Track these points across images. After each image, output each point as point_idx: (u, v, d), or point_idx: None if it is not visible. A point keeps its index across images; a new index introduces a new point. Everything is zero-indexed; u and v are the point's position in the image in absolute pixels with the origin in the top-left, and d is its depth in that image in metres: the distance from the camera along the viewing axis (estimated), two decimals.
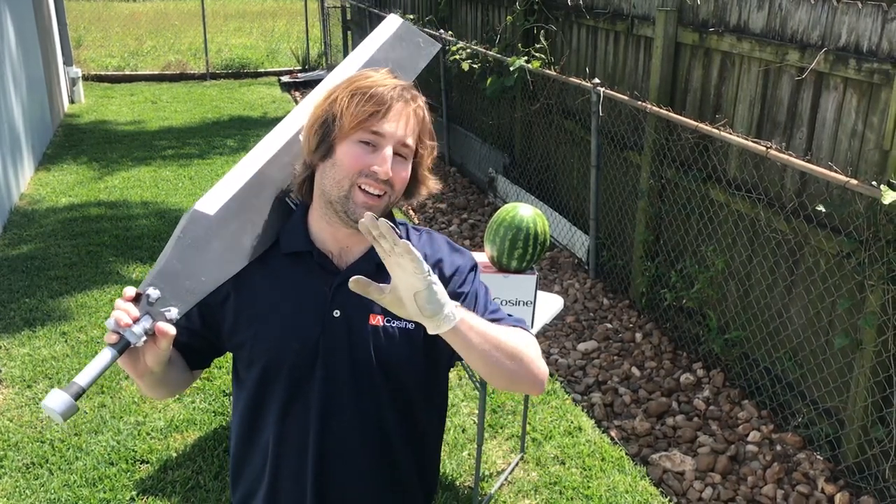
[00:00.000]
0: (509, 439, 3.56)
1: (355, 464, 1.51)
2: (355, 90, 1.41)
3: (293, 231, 1.50)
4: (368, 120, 1.39)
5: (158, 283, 1.35)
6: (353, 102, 1.40)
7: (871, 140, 3.16)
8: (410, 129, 1.44)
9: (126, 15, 19.68)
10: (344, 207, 1.42)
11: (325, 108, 1.44)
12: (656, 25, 4.31)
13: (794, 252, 3.58)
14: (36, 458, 3.37)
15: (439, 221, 6.42)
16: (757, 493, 3.25)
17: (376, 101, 1.40)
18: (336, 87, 1.46)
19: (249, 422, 1.54)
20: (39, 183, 7.11)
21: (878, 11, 3.08)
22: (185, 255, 1.40)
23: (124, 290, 1.33)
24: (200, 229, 1.43)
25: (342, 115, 1.40)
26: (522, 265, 2.87)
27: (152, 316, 1.32)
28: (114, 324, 1.28)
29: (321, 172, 1.45)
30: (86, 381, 1.26)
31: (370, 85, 1.42)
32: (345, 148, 1.41)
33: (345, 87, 1.44)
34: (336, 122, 1.41)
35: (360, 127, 1.40)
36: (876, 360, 3.10)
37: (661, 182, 4.48)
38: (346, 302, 1.45)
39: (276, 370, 1.47)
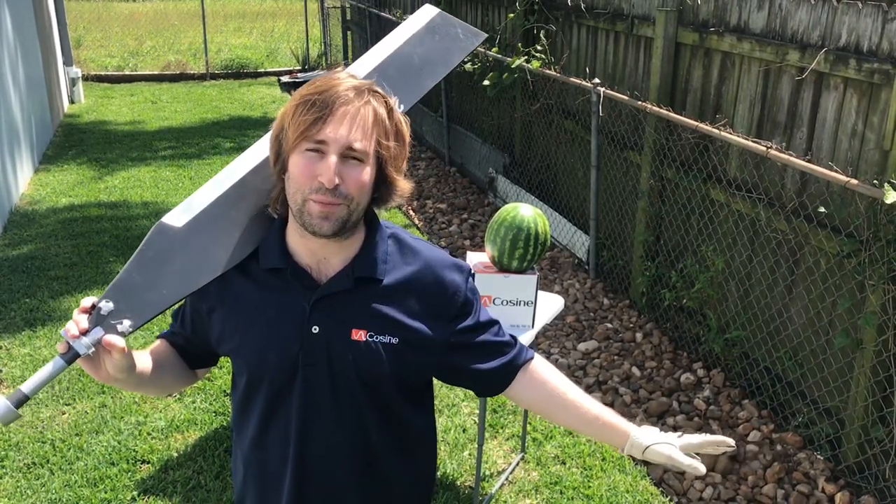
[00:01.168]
0: (510, 439, 3.57)
1: (337, 476, 1.50)
2: (300, 98, 1.37)
3: (270, 246, 1.47)
4: (310, 128, 1.34)
5: (113, 295, 1.36)
6: (297, 112, 1.35)
7: (872, 140, 3.17)
8: (359, 131, 1.36)
9: (126, 15, 19.68)
10: (302, 220, 1.38)
11: (278, 121, 1.40)
12: (656, 25, 4.31)
13: (794, 252, 3.58)
14: (37, 458, 3.37)
15: (439, 221, 6.42)
16: (757, 493, 3.25)
17: (318, 108, 1.34)
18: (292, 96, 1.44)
19: (238, 424, 1.57)
20: (39, 183, 7.11)
21: (879, 11, 3.08)
22: (147, 267, 1.40)
23: (83, 300, 1.36)
24: (165, 242, 1.42)
25: (288, 127, 1.37)
26: (523, 265, 2.87)
27: (103, 328, 1.34)
28: (64, 333, 1.32)
29: (286, 187, 1.42)
30: (29, 389, 1.31)
31: (315, 90, 1.36)
32: (294, 160, 1.37)
33: (295, 98, 1.39)
34: (283, 134, 1.38)
35: (302, 136, 1.35)
36: (876, 359, 3.11)
37: (662, 182, 4.48)
38: (324, 317, 1.43)
39: (257, 382, 1.47)
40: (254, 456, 1.52)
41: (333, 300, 1.43)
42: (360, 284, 1.44)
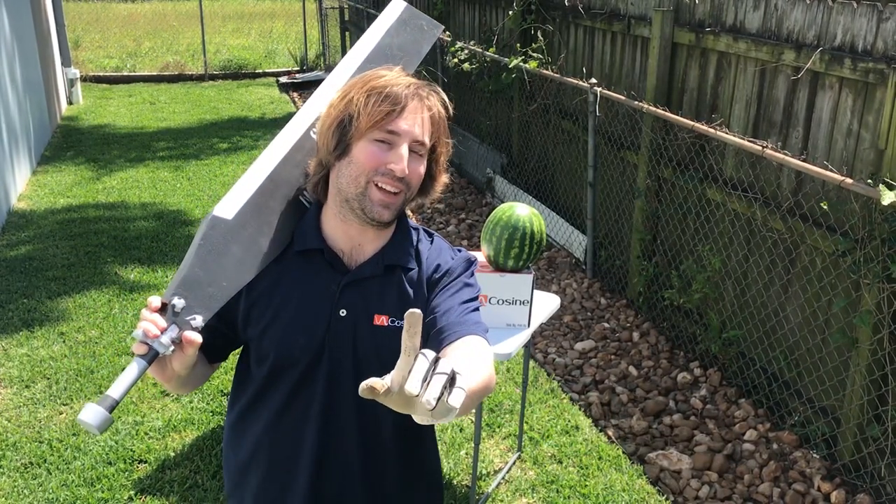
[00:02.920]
0: (506, 438, 3.57)
1: (354, 457, 1.53)
2: (371, 90, 1.43)
3: (306, 229, 1.52)
4: (384, 119, 1.42)
5: (182, 291, 1.37)
6: (370, 102, 1.42)
7: (867, 139, 3.18)
8: (426, 127, 1.47)
9: (124, 16, 19.68)
10: (361, 205, 1.45)
11: (341, 108, 1.45)
12: (653, 25, 4.32)
13: (790, 251, 3.59)
14: (34, 457, 3.38)
15: (437, 221, 6.43)
16: (753, 492, 3.26)
17: (392, 101, 1.42)
18: (350, 85, 1.48)
19: (245, 416, 1.57)
20: (37, 184, 7.11)
21: (873, 11, 3.09)
22: (207, 261, 1.41)
23: (149, 300, 1.34)
24: (219, 235, 1.44)
25: (358, 115, 1.42)
26: (519, 264, 2.88)
27: (178, 325, 1.34)
28: (142, 335, 1.30)
29: (337, 171, 1.47)
30: (119, 394, 1.27)
31: (385, 84, 1.44)
32: (361, 146, 1.43)
33: (360, 87, 1.45)
34: (353, 121, 1.43)
35: (376, 126, 1.42)
36: (871, 358, 3.12)
37: (658, 182, 4.49)
38: (352, 301, 1.48)
39: (283, 366, 1.49)
40: (268, 438, 1.54)
41: (361, 285, 1.49)
42: (388, 272, 1.51)
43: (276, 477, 1.55)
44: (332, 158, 1.47)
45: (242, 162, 7.99)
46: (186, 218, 6.32)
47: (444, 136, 1.52)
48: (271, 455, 1.54)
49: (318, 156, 1.50)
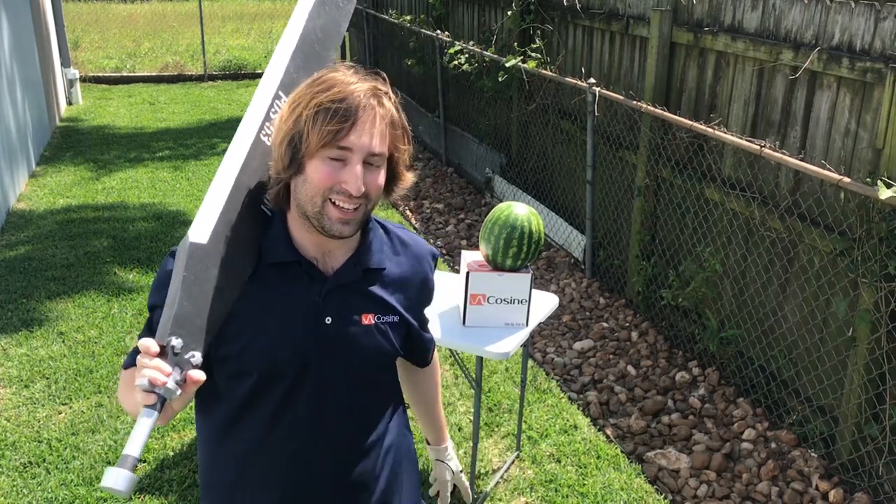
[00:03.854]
0: (505, 437, 3.58)
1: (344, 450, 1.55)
2: (318, 105, 1.36)
3: (276, 240, 1.47)
4: (335, 137, 1.36)
5: (177, 330, 1.30)
6: (318, 120, 1.35)
7: (865, 139, 3.18)
8: (380, 136, 1.40)
9: (124, 16, 19.68)
10: (320, 222, 1.42)
11: (291, 124, 1.38)
12: (651, 25, 4.33)
13: (788, 250, 3.60)
14: (33, 457, 3.38)
15: (436, 222, 6.43)
16: (752, 491, 3.26)
17: (341, 117, 1.35)
18: (298, 96, 1.40)
19: (224, 434, 1.53)
20: (37, 184, 7.11)
21: (871, 11, 3.10)
22: (192, 292, 1.35)
23: (145, 344, 1.27)
24: (199, 262, 1.38)
25: (308, 135, 1.36)
26: (517, 264, 2.88)
27: (180, 366, 1.29)
28: (148, 384, 1.24)
29: (294, 186, 1.43)
30: (138, 452, 1.23)
31: (334, 97, 1.36)
32: (314, 165, 1.38)
33: (308, 101, 1.37)
34: (303, 140, 1.37)
35: (326, 146, 1.36)
36: (869, 357, 3.12)
37: (657, 181, 4.50)
38: (336, 307, 1.48)
39: (268, 381, 1.46)
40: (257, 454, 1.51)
41: (342, 290, 1.49)
42: (367, 274, 1.53)
43: (272, 491, 1.53)
44: (288, 175, 1.42)
45: None
46: (186, 218, 6.32)
47: (401, 138, 1.45)
48: (263, 472, 1.52)
49: (275, 168, 1.44)
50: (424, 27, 7.81)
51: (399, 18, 8.52)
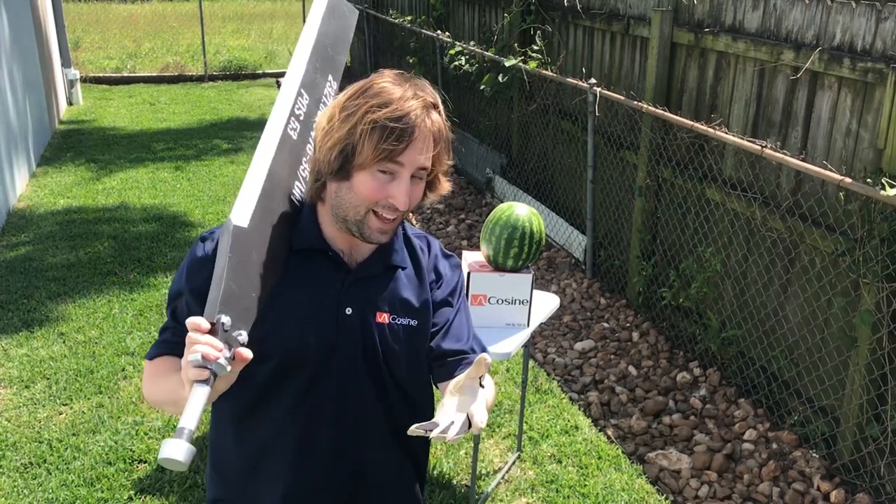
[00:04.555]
0: (506, 438, 3.58)
1: (367, 451, 1.55)
2: (376, 121, 1.36)
3: (306, 229, 1.50)
4: (390, 155, 1.37)
5: (225, 308, 1.31)
6: (375, 135, 1.35)
7: (866, 139, 3.18)
8: (428, 151, 1.42)
9: (124, 17, 19.68)
10: (359, 230, 1.44)
11: (344, 134, 1.38)
12: (652, 26, 4.32)
13: (789, 251, 3.59)
14: (34, 457, 3.38)
15: (437, 222, 6.43)
16: (753, 491, 3.26)
17: (398, 136, 1.36)
18: (351, 104, 1.39)
19: (244, 419, 1.54)
20: (37, 185, 7.11)
21: (872, 11, 3.09)
22: (237, 274, 1.37)
23: (195, 322, 1.28)
24: (242, 245, 1.39)
25: (363, 148, 1.37)
26: (518, 264, 2.88)
27: (229, 343, 1.29)
28: (201, 359, 1.24)
29: (336, 190, 1.44)
30: (194, 423, 1.23)
31: (391, 114, 1.36)
32: (363, 178, 1.39)
33: (364, 113, 1.37)
34: (356, 152, 1.38)
35: (382, 161, 1.37)
36: (870, 357, 3.12)
37: (658, 182, 4.49)
38: (356, 299, 1.50)
39: (292, 366, 1.47)
40: (279, 437, 1.52)
41: (364, 283, 1.51)
42: (388, 269, 1.54)
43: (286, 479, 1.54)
44: (332, 179, 1.43)
45: (242, 162, 7.99)
46: (186, 219, 6.32)
47: (446, 150, 1.47)
48: (280, 460, 1.52)
49: (316, 167, 1.44)
50: (425, 27, 7.81)
51: (399, 19, 8.52)
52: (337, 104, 1.42)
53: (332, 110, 1.42)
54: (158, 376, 1.48)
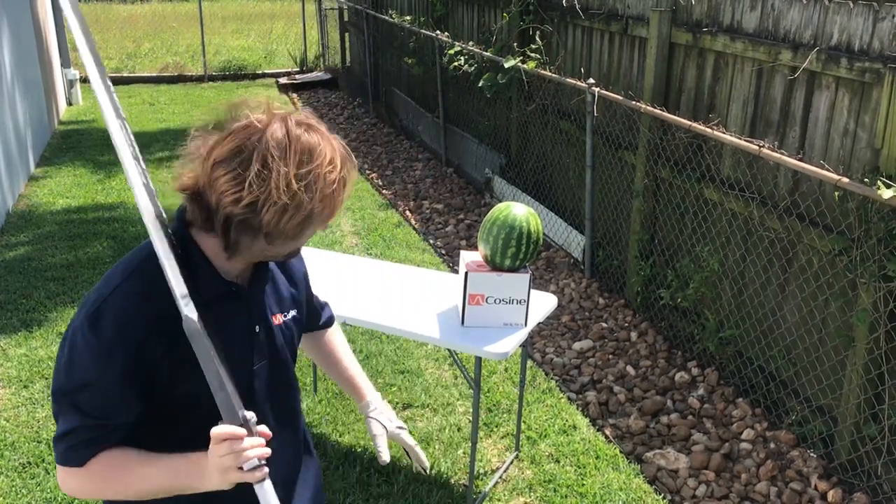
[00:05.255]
0: (504, 438, 3.58)
1: (284, 449, 1.64)
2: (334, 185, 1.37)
3: (205, 275, 1.43)
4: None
5: (238, 403, 1.35)
6: (336, 198, 1.38)
7: (863, 139, 3.18)
8: None
9: (124, 17, 19.69)
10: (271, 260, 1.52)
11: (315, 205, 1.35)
12: (650, 26, 4.33)
13: (786, 250, 3.60)
14: (32, 457, 3.38)
15: (436, 222, 6.44)
16: (750, 491, 3.26)
17: (345, 188, 1.41)
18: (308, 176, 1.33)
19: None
20: (36, 185, 7.12)
21: (870, 11, 3.10)
22: (217, 364, 1.36)
23: (231, 430, 1.30)
24: (202, 334, 1.36)
25: (323, 211, 1.37)
26: (516, 264, 2.88)
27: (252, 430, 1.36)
28: (258, 461, 1.31)
29: (266, 244, 1.39)
30: None
31: (340, 173, 1.38)
32: (311, 231, 1.40)
33: (324, 183, 1.35)
34: (317, 217, 1.37)
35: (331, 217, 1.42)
36: (868, 357, 3.12)
37: (656, 182, 4.50)
38: (258, 315, 1.54)
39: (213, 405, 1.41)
40: None
41: (258, 298, 1.55)
42: (273, 273, 1.61)
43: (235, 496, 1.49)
44: (278, 242, 1.39)
45: None
46: None
47: None
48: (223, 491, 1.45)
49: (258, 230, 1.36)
50: (424, 27, 7.81)
51: (399, 19, 8.52)
52: (283, 178, 1.32)
53: (284, 185, 1.31)
54: (119, 472, 1.39)
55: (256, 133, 1.35)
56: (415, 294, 3.17)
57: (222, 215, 1.34)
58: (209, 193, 1.35)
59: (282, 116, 1.39)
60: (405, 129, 9.17)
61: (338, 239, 5.95)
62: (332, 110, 10.70)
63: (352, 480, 3.26)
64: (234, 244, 1.38)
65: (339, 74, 12.23)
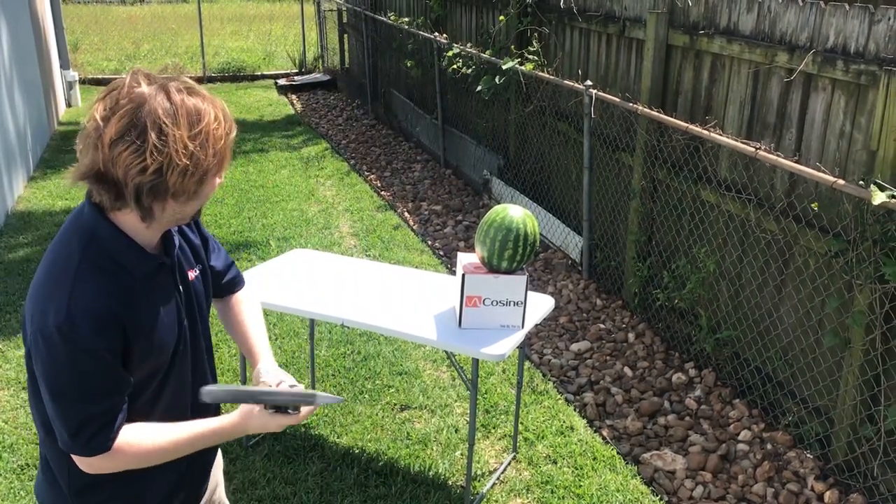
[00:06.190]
0: (502, 439, 3.59)
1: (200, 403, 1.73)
2: (227, 147, 1.54)
3: (134, 254, 1.53)
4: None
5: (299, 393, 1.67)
6: (227, 152, 1.55)
7: (859, 141, 3.19)
8: None
9: (123, 18, 19.70)
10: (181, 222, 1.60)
11: (210, 162, 1.49)
12: (647, 28, 4.34)
13: (783, 252, 3.61)
14: (30, 459, 3.39)
15: (434, 223, 6.44)
16: (747, 492, 3.27)
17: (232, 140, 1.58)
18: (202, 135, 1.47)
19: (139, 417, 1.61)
20: (35, 187, 7.13)
21: (865, 13, 3.11)
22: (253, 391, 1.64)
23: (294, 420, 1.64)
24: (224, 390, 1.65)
25: (221, 164, 1.53)
26: (513, 266, 2.89)
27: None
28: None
29: (177, 206, 1.50)
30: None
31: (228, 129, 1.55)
32: (213, 183, 1.55)
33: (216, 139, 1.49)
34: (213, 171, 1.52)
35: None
36: (864, 358, 3.13)
37: (653, 183, 4.51)
38: (182, 278, 1.66)
39: (161, 367, 1.61)
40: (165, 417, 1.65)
41: (176, 260, 1.66)
42: (183, 234, 1.73)
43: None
44: (183, 199, 1.50)
45: (240, 165, 8.01)
46: None
47: None
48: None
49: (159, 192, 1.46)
50: (422, 29, 7.82)
51: (397, 20, 8.53)
52: (179, 141, 1.43)
53: (182, 147, 1.43)
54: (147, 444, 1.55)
55: (143, 105, 1.42)
56: (413, 296, 3.18)
57: (132, 186, 1.43)
58: (113, 171, 1.42)
59: (161, 85, 1.47)
60: (404, 131, 9.18)
61: (336, 240, 5.96)
62: (330, 112, 10.71)
63: (349, 482, 3.27)
64: (148, 211, 1.48)
65: (338, 76, 12.24)
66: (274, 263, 3.48)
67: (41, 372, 1.46)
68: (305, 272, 3.38)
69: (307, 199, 6.97)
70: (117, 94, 1.45)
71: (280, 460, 3.40)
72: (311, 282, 3.28)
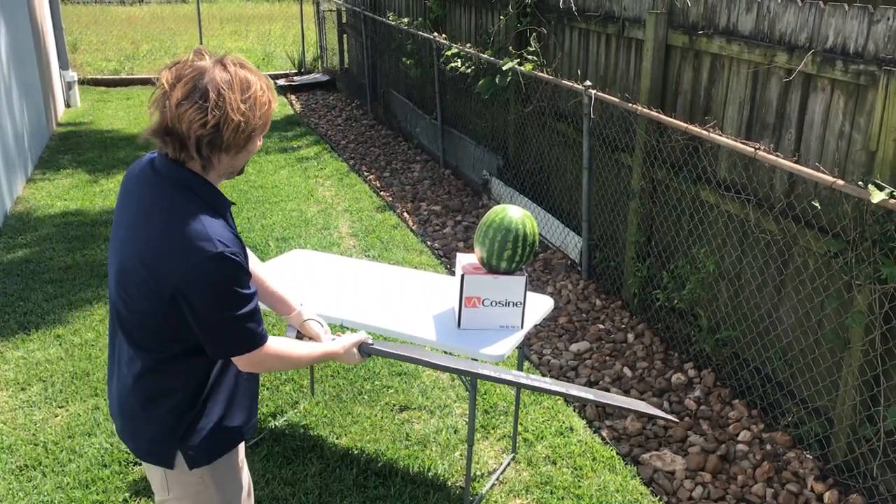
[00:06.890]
0: (501, 440, 3.58)
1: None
2: (269, 103, 1.85)
3: (217, 195, 1.86)
4: None
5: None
6: (269, 114, 1.85)
7: (858, 141, 3.19)
8: None
9: (122, 18, 19.70)
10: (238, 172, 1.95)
11: (256, 121, 1.81)
12: (647, 28, 4.33)
13: (783, 252, 3.61)
14: (29, 460, 3.38)
15: (433, 223, 6.44)
16: (747, 492, 3.27)
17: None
18: (250, 99, 1.79)
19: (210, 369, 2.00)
20: (34, 187, 7.12)
21: (865, 13, 3.11)
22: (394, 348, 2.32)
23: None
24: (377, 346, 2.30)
25: (265, 124, 1.85)
26: (512, 266, 2.89)
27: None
28: None
29: (232, 157, 1.83)
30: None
31: (270, 93, 1.86)
32: (256, 140, 1.87)
33: (262, 102, 1.82)
34: (259, 129, 1.84)
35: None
36: (864, 359, 3.13)
37: (653, 183, 4.51)
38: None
39: None
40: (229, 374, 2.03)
41: None
42: None
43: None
44: (234, 152, 1.81)
45: None
46: None
47: None
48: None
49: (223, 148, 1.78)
50: (422, 29, 7.82)
51: (397, 21, 8.53)
52: (234, 103, 1.75)
53: (236, 108, 1.75)
54: (285, 350, 2.00)
55: (204, 73, 1.75)
56: (412, 296, 3.18)
57: (194, 138, 1.75)
58: (178, 126, 1.74)
59: (218, 59, 1.80)
60: (403, 131, 9.18)
61: (335, 241, 5.95)
62: (330, 112, 10.71)
63: (349, 483, 3.27)
64: (207, 160, 1.80)
65: (338, 76, 12.24)
66: (273, 264, 3.48)
67: (208, 298, 1.76)
68: (305, 273, 3.38)
69: (306, 200, 6.97)
70: (182, 66, 1.76)
71: (279, 461, 3.39)
72: (311, 282, 3.28)
